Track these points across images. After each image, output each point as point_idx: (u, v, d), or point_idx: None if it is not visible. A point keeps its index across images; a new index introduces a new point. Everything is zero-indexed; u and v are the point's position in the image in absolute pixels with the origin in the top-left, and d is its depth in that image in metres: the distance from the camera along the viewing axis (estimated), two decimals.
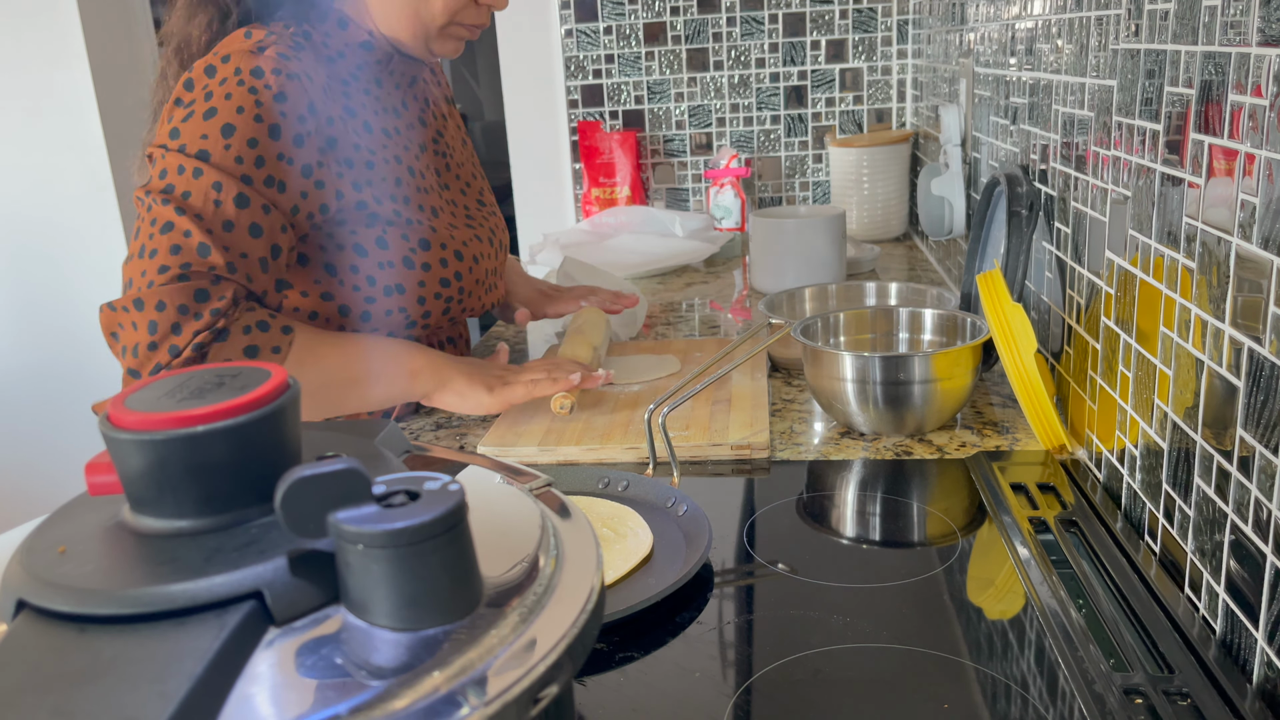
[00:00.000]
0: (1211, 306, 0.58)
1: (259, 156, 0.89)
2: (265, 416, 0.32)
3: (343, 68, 1.00)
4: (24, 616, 0.30)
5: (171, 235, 0.87)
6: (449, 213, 1.09)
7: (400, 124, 1.06)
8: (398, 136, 1.05)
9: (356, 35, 1.00)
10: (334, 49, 0.99)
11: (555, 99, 2.08)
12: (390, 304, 1.02)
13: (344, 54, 1.00)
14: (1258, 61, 0.52)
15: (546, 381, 0.98)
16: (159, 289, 0.86)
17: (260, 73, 0.90)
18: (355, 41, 1.00)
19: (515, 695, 0.28)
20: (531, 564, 0.34)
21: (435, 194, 1.08)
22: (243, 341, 0.89)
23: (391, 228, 1.00)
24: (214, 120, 0.89)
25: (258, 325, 0.90)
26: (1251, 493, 0.54)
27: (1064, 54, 0.87)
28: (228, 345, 0.88)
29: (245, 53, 0.91)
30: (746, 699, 0.56)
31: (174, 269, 0.87)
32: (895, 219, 1.87)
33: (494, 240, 1.15)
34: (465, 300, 1.08)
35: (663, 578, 0.68)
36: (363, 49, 1.01)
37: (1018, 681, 0.57)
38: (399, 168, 1.03)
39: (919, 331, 1.05)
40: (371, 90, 1.02)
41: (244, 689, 0.27)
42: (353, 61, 1.00)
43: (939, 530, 0.75)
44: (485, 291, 1.12)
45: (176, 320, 0.86)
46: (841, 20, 1.97)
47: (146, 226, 0.89)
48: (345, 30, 1.00)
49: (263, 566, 0.29)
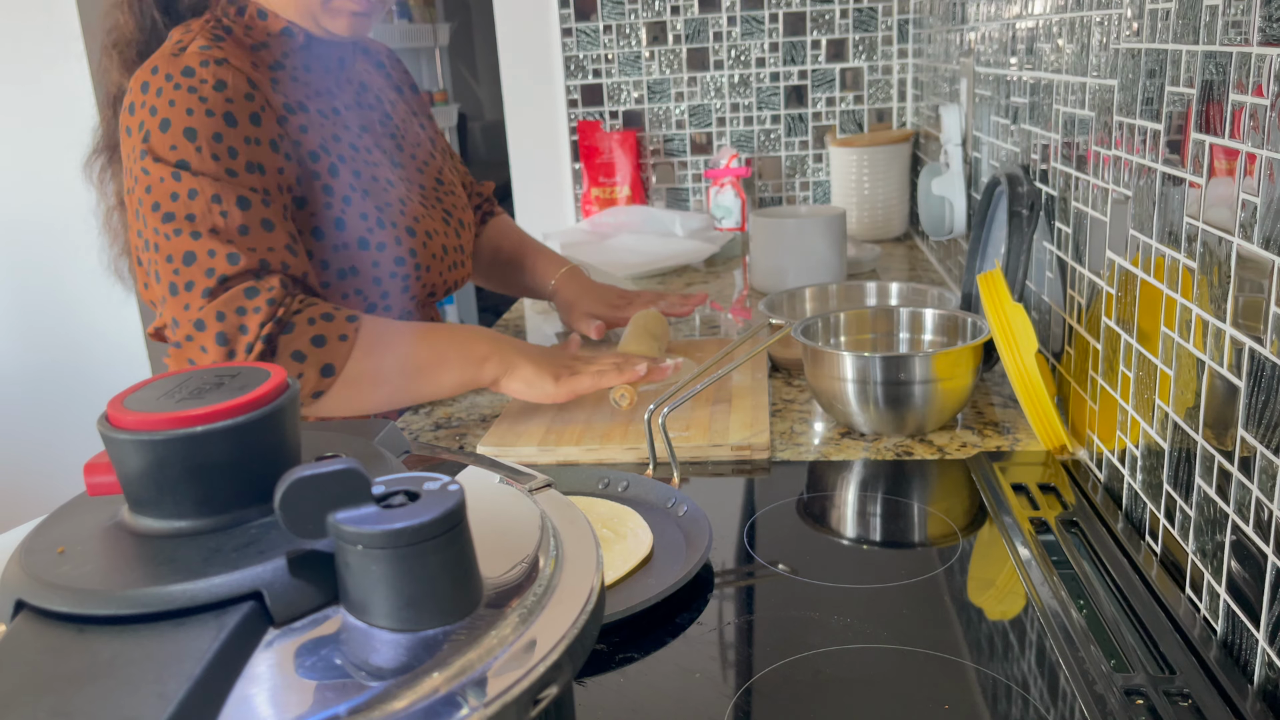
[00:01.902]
0: (1212, 306, 0.58)
1: (230, 148, 0.91)
2: (265, 416, 0.32)
3: (267, 55, 1.01)
4: (23, 617, 0.30)
5: (199, 262, 0.89)
6: (402, 189, 1.10)
7: (337, 104, 1.07)
8: (335, 117, 1.06)
9: (276, 24, 1.02)
10: (256, 38, 1.01)
11: (555, 99, 2.08)
12: (346, 287, 1.03)
13: (267, 43, 1.02)
14: (1259, 61, 0.52)
15: (613, 372, 0.97)
16: (210, 307, 0.88)
17: (191, 71, 0.92)
18: (276, 30, 1.02)
19: (515, 696, 0.28)
20: (531, 564, 0.34)
21: (385, 168, 1.09)
22: (309, 332, 0.90)
23: (347, 209, 1.01)
24: (173, 130, 0.90)
25: (322, 316, 0.92)
26: (1252, 493, 0.54)
27: (1065, 53, 0.87)
28: (294, 336, 0.90)
29: (168, 57, 0.93)
30: (746, 700, 0.56)
31: (214, 285, 0.89)
32: (895, 219, 1.87)
33: (450, 218, 1.16)
34: (423, 276, 1.09)
35: (663, 578, 0.68)
36: (285, 36, 1.02)
37: (1018, 682, 0.56)
38: (340, 146, 1.04)
39: (919, 331, 1.05)
40: (300, 76, 1.04)
41: (243, 689, 0.27)
42: (277, 49, 1.02)
43: (940, 531, 0.75)
44: (447, 269, 1.13)
45: (240, 323, 0.88)
46: (842, 20, 1.97)
47: (165, 264, 0.90)
48: (265, 20, 1.01)
49: (262, 567, 0.29)
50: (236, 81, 0.93)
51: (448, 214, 1.16)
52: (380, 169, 1.08)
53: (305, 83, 1.04)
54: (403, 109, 1.20)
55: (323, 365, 0.91)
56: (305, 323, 0.91)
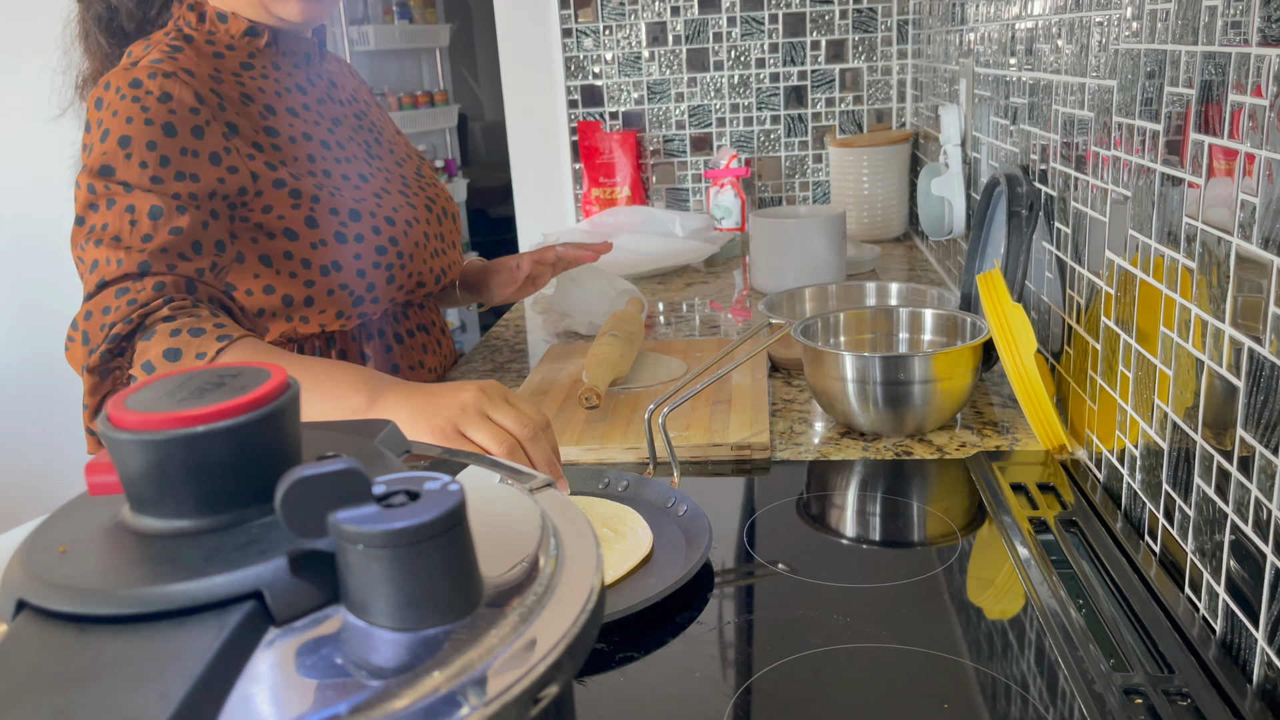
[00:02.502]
0: (1211, 306, 0.58)
1: (163, 156, 0.90)
2: (265, 416, 0.32)
3: (234, 59, 1.02)
4: (24, 616, 0.30)
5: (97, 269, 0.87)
6: (380, 180, 1.10)
7: (308, 100, 1.07)
8: (307, 112, 1.06)
9: (237, 25, 1.02)
10: (220, 43, 1.01)
11: (555, 99, 2.08)
12: (330, 283, 1.02)
13: (232, 45, 1.02)
14: (1258, 61, 0.52)
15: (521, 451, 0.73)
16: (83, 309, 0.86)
17: (138, 83, 0.92)
18: (239, 31, 1.02)
19: (515, 695, 0.28)
20: (531, 564, 0.34)
21: (361, 163, 1.09)
22: (167, 343, 0.83)
23: (317, 204, 1.00)
24: (110, 140, 0.90)
25: (190, 330, 0.83)
26: (1251, 493, 0.54)
27: (1064, 54, 0.87)
28: (151, 344, 0.83)
29: (120, 71, 0.93)
30: (746, 699, 0.56)
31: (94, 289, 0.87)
32: (895, 219, 1.87)
33: (433, 206, 1.15)
34: (408, 265, 1.08)
35: (663, 578, 0.68)
36: (250, 36, 1.02)
37: (1018, 681, 0.57)
38: (310, 143, 1.04)
39: (919, 331, 1.05)
40: (269, 73, 1.04)
41: (244, 689, 0.27)
42: (243, 51, 1.03)
43: (939, 530, 0.75)
44: (430, 256, 1.12)
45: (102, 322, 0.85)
46: (841, 20, 1.97)
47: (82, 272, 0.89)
48: (226, 23, 1.02)
49: (263, 566, 0.29)
50: (183, 94, 0.93)
51: (431, 201, 1.16)
52: (355, 163, 1.08)
53: (275, 79, 1.04)
54: (375, 111, 1.21)
55: None
56: (167, 334, 0.83)
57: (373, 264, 1.04)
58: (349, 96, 1.16)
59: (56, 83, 1.11)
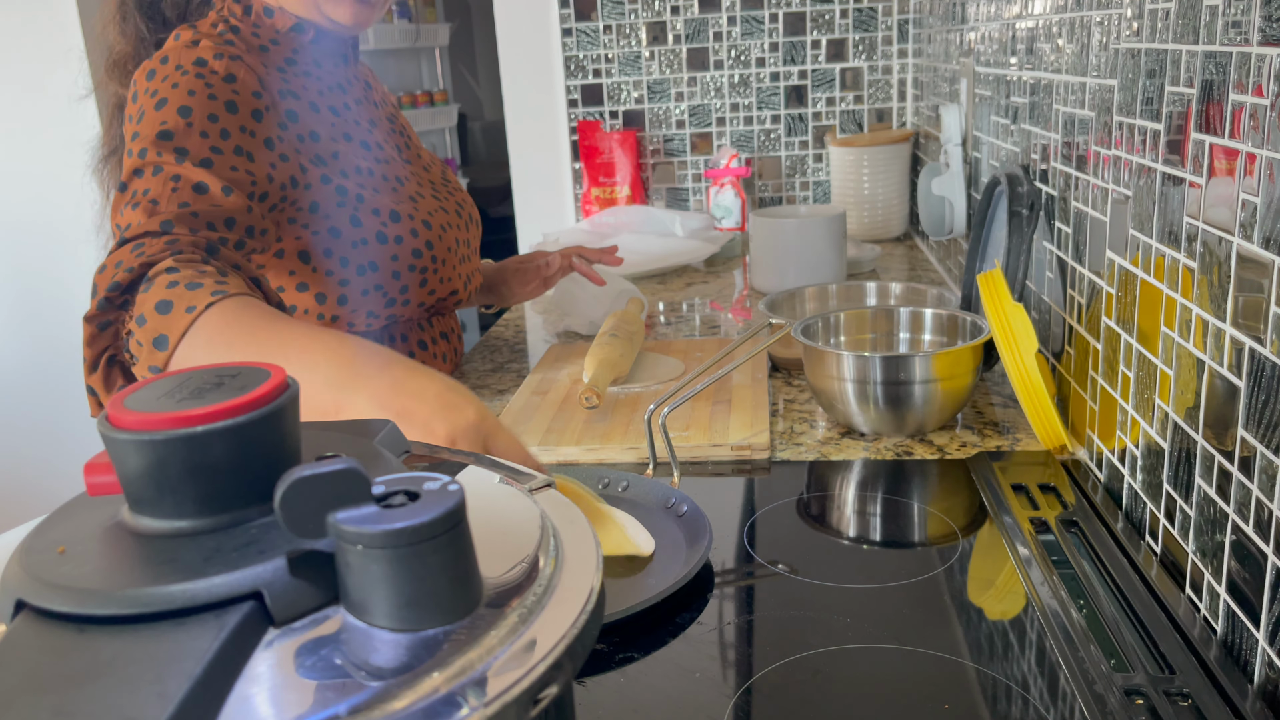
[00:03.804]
0: (1212, 306, 0.58)
1: (223, 129, 0.90)
2: (265, 416, 0.32)
3: (278, 54, 1.01)
4: (23, 617, 0.30)
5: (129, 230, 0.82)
6: (415, 183, 1.10)
7: (349, 99, 1.08)
8: (347, 112, 1.06)
9: (284, 20, 1.01)
10: (264, 38, 1.01)
11: (555, 99, 2.08)
12: (366, 283, 1.02)
13: (276, 40, 1.02)
14: (1259, 61, 0.52)
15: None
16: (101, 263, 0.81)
17: (203, 62, 0.92)
18: (285, 27, 1.02)
19: (515, 696, 0.28)
20: (531, 564, 0.34)
21: (398, 164, 1.10)
22: (161, 295, 0.75)
23: (361, 204, 1.00)
24: (168, 108, 0.88)
25: (187, 284, 0.76)
26: (1253, 493, 0.54)
27: (1065, 53, 0.87)
28: (148, 296, 0.76)
29: (182, 48, 0.93)
30: (746, 699, 0.56)
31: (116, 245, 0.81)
32: (895, 219, 1.87)
33: (461, 212, 1.16)
34: (440, 270, 1.08)
35: (663, 578, 0.68)
36: (295, 32, 1.02)
37: (1018, 682, 0.56)
38: (351, 143, 1.04)
39: (919, 331, 1.05)
40: (312, 71, 1.04)
41: (243, 689, 0.27)
42: (287, 47, 1.02)
43: (939, 530, 0.75)
44: (459, 261, 1.13)
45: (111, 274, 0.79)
46: (842, 20, 1.97)
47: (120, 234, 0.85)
48: (272, 18, 1.01)
49: (262, 567, 0.29)
50: (247, 77, 0.93)
51: (460, 206, 1.16)
52: (394, 165, 1.09)
53: (317, 78, 1.04)
54: (401, 114, 1.22)
55: (156, 336, 0.74)
56: (164, 285, 0.75)
57: (409, 266, 1.04)
58: (381, 99, 1.16)
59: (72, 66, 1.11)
